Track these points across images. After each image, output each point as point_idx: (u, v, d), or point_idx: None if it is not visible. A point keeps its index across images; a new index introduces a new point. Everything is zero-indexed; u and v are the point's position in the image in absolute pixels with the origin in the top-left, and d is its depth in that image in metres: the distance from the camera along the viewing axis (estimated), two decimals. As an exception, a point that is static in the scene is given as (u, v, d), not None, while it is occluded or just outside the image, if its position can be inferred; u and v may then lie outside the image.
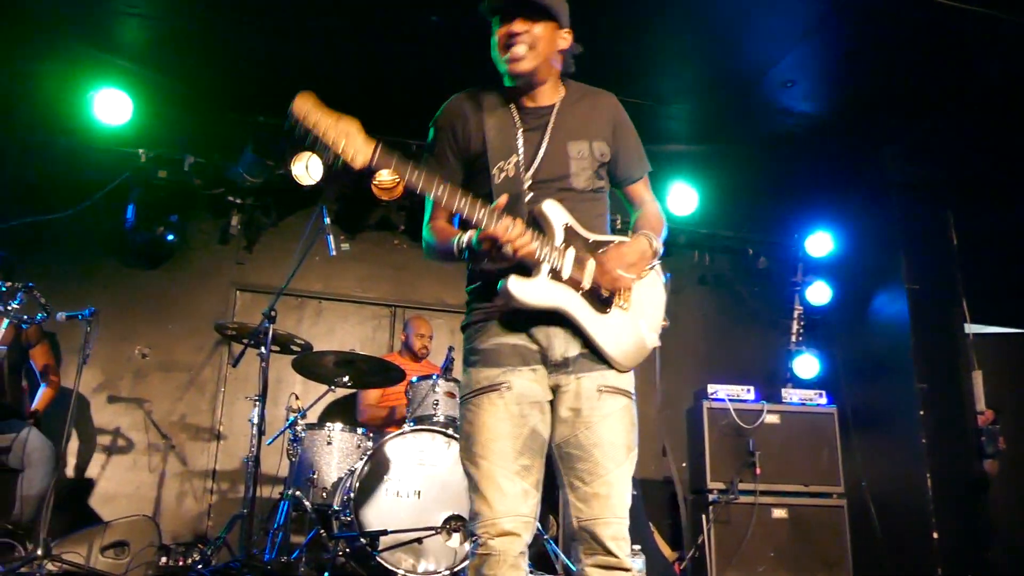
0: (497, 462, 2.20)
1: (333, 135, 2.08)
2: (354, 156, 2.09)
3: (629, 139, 2.56)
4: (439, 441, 4.43)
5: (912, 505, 5.67)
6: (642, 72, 5.53)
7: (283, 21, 5.17)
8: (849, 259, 6.80)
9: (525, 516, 2.19)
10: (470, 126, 2.43)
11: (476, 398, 2.28)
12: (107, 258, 6.00)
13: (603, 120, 2.50)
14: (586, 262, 2.30)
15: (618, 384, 2.33)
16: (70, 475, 5.53)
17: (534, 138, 2.41)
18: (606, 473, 2.24)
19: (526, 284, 2.22)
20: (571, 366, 2.29)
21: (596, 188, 2.45)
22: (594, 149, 2.44)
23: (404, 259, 6.66)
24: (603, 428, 2.26)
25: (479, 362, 2.31)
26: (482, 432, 2.23)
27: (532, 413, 2.25)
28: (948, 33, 4.95)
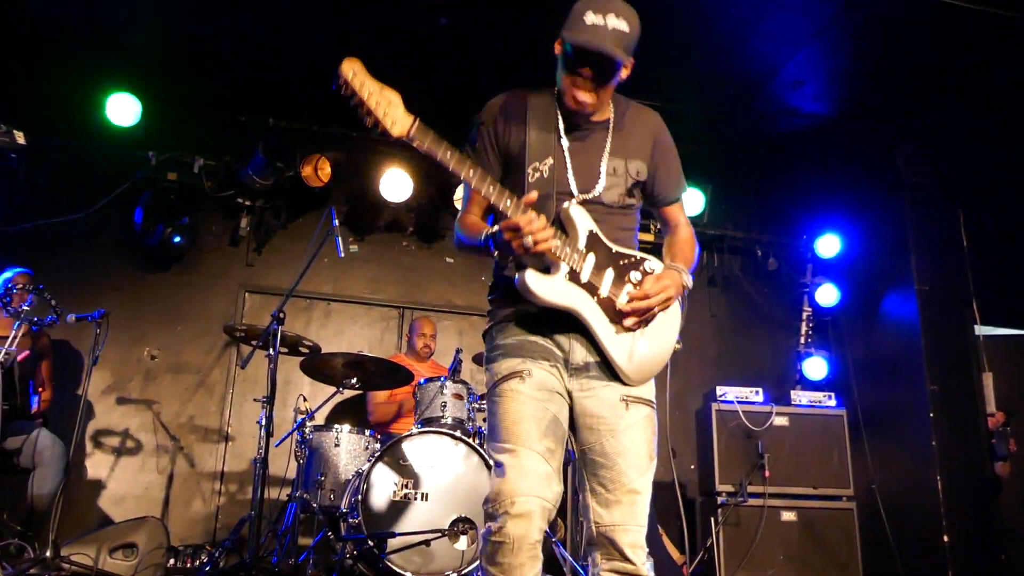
0: (523, 443, 2.19)
1: (376, 99, 2.11)
2: (393, 124, 2.11)
3: (669, 160, 2.56)
4: (447, 443, 4.43)
5: (923, 508, 5.63)
6: (652, 71, 5.49)
7: (294, 23, 5.18)
8: (858, 260, 6.77)
9: (546, 500, 2.17)
10: (512, 124, 2.44)
11: (499, 387, 2.29)
12: (117, 260, 6.03)
13: (645, 139, 2.50)
14: (606, 271, 2.31)
15: (641, 394, 2.35)
16: (79, 476, 5.55)
17: (574, 148, 2.41)
18: (629, 482, 2.26)
19: (543, 280, 2.23)
20: (592, 371, 2.31)
21: (626, 205, 2.45)
22: (630, 168, 2.44)
23: (413, 261, 6.66)
24: (628, 437, 2.28)
25: (500, 355, 2.34)
26: (506, 417, 2.24)
27: (552, 401, 2.27)
28: (958, 33, 4.92)
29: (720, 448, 5.50)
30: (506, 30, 5.07)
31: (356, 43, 5.36)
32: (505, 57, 4.75)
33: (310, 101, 6.03)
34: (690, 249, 2.52)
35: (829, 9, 4.84)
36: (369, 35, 5.26)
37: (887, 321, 6.36)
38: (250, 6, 5.02)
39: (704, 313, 7.10)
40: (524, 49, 2.87)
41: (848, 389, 6.33)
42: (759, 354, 7.10)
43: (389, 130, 2.11)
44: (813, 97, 5.79)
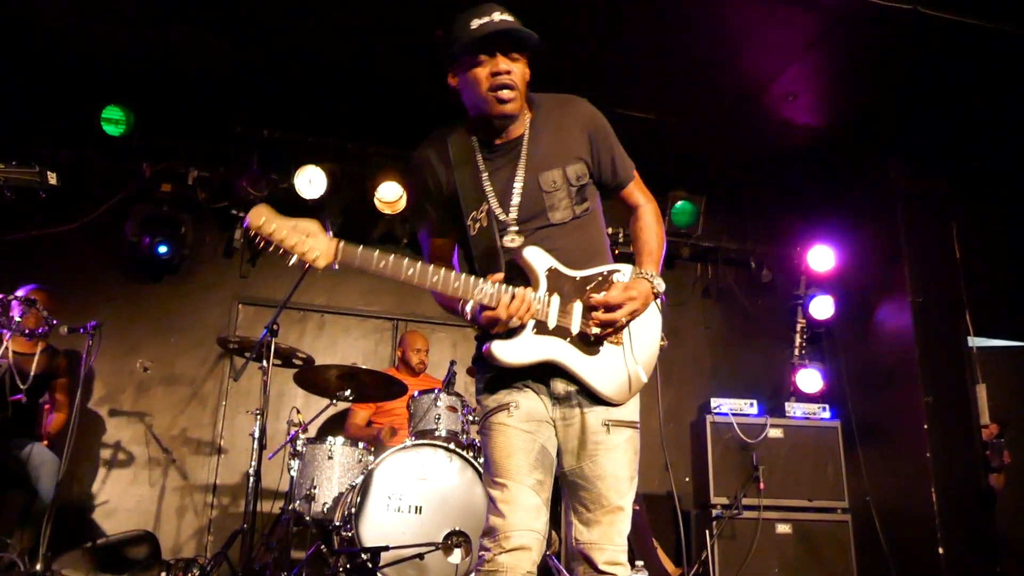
0: (514, 477, 2.21)
1: (291, 241, 2.09)
2: (317, 257, 2.09)
3: (610, 144, 2.45)
4: (441, 456, 4.41)
5: (917, 519, 5.63)
6: (646, 85, 5.54)
7: (289, 36, 5.18)
8: (852, 271, 6.78)
9: (537, 532, 2.20)
10: (440, 177, 2.41)
11: (488, 420, 2.32)
12: (111, 271, 6.01)
13: (575, 136, 2.40)
14: (572, 306, 2.28)
15: (622, 416, 2.33)
16: (71, 489, 5.51)
17: (504, 176, 2.35)
18: (608, 504, 2.26)
19: (510, 345, 2.24)
20: (573, 400, 2.31)
21: (579, 214, 2.37)
22: (569, 175, 2.35)
23: (407, 272, 6.63)
24: (607, 461, 2.28)
25: (487, 389, 2.34)
26: (496, 451, 2.26)
27: (541, 431, 2.28)
28: (949, 45, 4.95)
29: (715, 460, 5.50)
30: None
31: (352, 54, 5.37)
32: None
33: (304, 112, 6.03)
34: (655, 238, 2.44)
35: (821, 23, 4.87)
36: (364, 46, 5.26)
37: (881, 332, 6.36)
38: (244, 17, 5.02)
39: (698, 325, 7.11)
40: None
41: (842, 401, 6.33)
42: (753, 366, 7.11)
43: (315, 264, 2.09)
44: (806, 109, 5.82)
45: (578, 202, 2.37)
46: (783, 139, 6.19)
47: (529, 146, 2.36)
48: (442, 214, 2.41)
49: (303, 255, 2.09)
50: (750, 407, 5.72)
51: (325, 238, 2.11)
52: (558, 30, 5.02)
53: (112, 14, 4.99)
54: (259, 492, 4.48)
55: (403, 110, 5.93)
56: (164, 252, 5.90)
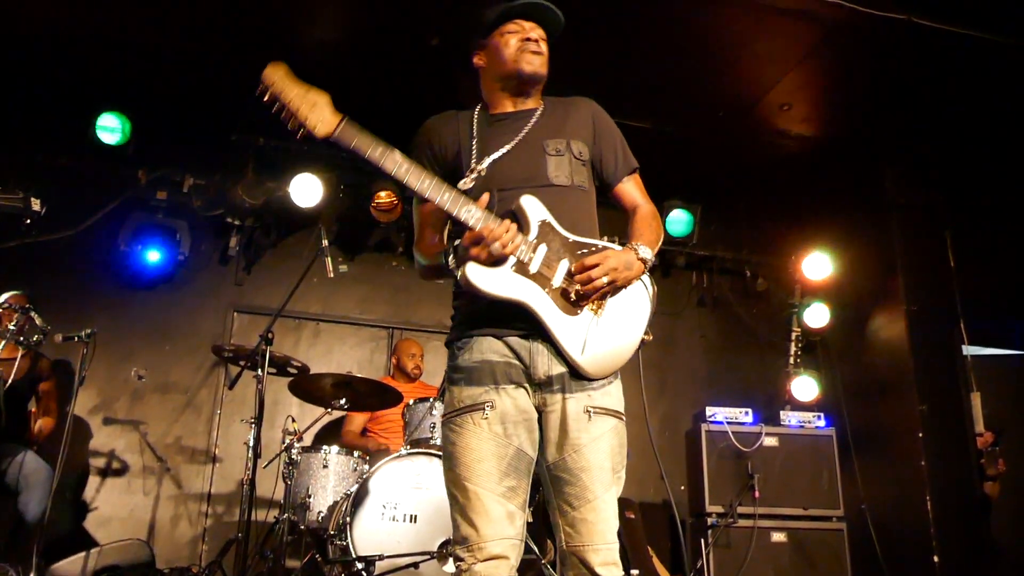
0: (482, 484, 2.15)
1: (298, 104, 2.10)
2: (316, 125, 2.10)
3: (612, 137, 2.52)
4: (436, 464, 4.40)
5: (913, 528, 5.63)
6: (641, 95, 5.56)
7: (284, 42, 5.19)
8: (847, 280, 6.79)
9: (512, 538, 2.16)
10: (445, 138, 2.44)
11: (459, 417, 2.23)
12: (105, 279, 5.99)
13: (582, 121, 2.49)
14: (557, 263, 2.24)
15: (606, 404, 2.27)
16: (64, 498, 5.48)
17: (508, 138, 2.39)
18: (594, 499, 2.20)
19: (487, 272, 2.17)
20: (555, 384, 2.24)
21: (578, 184, 2.39)
22: (572, 147, 2.41)
23: (403, 281, 6.65)
24: (591, 452, 2.21)
25: (462, 380, 2.26)
26: (465, 453, 2.19)
27: (517, 432, 2.20)
28: (943, 56, 4.98)
29: (710, 469, 5.50)
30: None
31: (348, 61, 5.38)
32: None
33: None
34: (649, 228, 2.42)
35: (815, 33, 4.89)
36: (361, 54, 5.27)
37: (876, 341, 6.38)
38: (241, 25, 5.03)
39: (694, 333, 7.11)
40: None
41: (837, 409, 6.34)
42: (748, 374, 7.11)
43: (313, 132, 2.10)
44: (800, 119, 5.84)
45: (578, 174, 2.40)
46: (778, 149, 6.21)
47: (537, 119, 2.45)
48: (441, 176, 2.35)
49: (305, 120, 2.10)
50: (745, 415, 5.72)
51: (330, 111, 2.12)
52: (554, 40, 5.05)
53: (109, 22, 4.99)
54: (253, 501, 4.46)
55: (399, 119, 5.92)
56: (156, 261, 5.89)
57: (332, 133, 2.10)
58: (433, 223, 2.45)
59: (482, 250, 2.12)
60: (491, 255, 2.12)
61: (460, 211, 2.16)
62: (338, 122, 2.11)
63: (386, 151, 2.13)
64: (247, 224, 6.26)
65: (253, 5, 4.86)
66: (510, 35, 2.41)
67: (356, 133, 2.12)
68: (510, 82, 2.44)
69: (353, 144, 2.11)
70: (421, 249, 2.45)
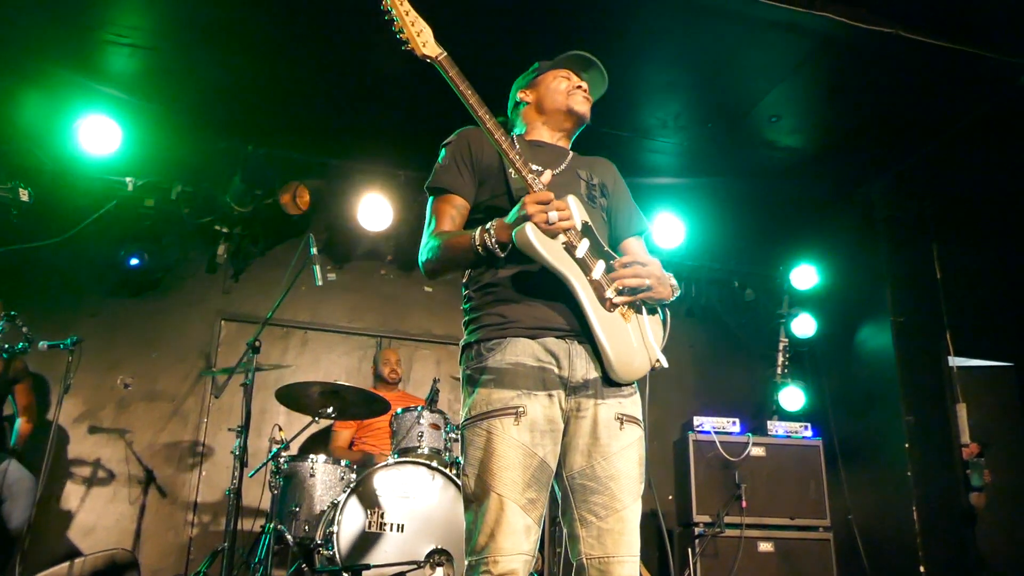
0: (507, 491, 2.11)
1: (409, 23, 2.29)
2: (425, 43, 2.29)
3: (628, 195, 2.71)
4: (423, 473, 4.40)
5: (898, 538, 5.65)
6: (631, 106, 5.58)
7: (274, 50, 5.19)
8: (834, 292, 6.83)
9: (527, 555, 2.12)
10: (484, 144, 2.48)
11: (487, 421, 2.18)
12: (92, 287, 5.97)
13: (607, 171, 2.67)
14: (597, 259, 2.29)
15: (634, 413, 2.29)
16: (48, 507, 5.45)
17: (546, 159, 2.48)
18: (622, 508, 2.19)
19: (543, 236, 2.17)
20: (590, 388, 2.24)
21: (602, 214, 2.53)
22: (594, 179, 2.57)
23: (391, 289, 6.64)
24: (620, 460, 2.21)
25: (493, 382, 2.21)
26: (493, 459, 2.14)
27: (544, 443, 2.17)
28: (931, 69, 5.02)
29: (697, 478, 5.50)
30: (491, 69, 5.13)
31: (338, 70, 5.38)
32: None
33: (289, 128, 6.03)
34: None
35: (805, 45, 4.92)
36: (351, 63, 5.28)
37: (863, 352, 6.41)
38: (229, 34, 5.02)
39: (682, 344, 7.12)
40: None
41: (824, 419, 6.36)
42: (736, 384, 7.14)
43: (420, 48, 2.28)
44: (789, 131, 5.87)
45: (603, 206, 2.56)
46: (767, 160, 6.24)
47: (567, 152, 2.64)
48: (472, 179, 2.49)
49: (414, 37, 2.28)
50: (733, 425, 5.73)
51: (434, 40, 2.30)
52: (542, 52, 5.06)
53: (98, 28, 4.98)
54: (240, 510, 4.44)
55: (388, 129, 5.95)
56: (136, 264, 5.86)
57: (437, 56, 2.28)
58: (454, 216, 2.45)
59: (543, 211, 2.14)
60: (548, 222, 2.14)
61: (526, 170, 2.25)
62: (439, 51, 2.29)
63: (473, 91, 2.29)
64: (235, 232, 6.24)
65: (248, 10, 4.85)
66: (562, 79, 2.64)
67: (453, 64, 2.30)
68: (556, 116, 2.63)
69: (452, 74, 2.28)
70: (443, 235, 2.39)
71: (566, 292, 2.24)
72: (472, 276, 2.44)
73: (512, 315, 2.27)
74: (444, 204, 2.46)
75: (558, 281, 2.23)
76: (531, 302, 2.28)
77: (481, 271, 2.39)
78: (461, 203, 2.46)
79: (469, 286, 2.43)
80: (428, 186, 2.51)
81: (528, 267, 2.28)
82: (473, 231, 2.26)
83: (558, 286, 2.24)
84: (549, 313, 2.26)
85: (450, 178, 2.47)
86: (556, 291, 2.26)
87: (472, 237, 2.24)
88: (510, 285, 2.30)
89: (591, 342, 2.25)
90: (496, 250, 2.21)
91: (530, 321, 2.26)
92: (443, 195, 2.48)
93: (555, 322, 2.26)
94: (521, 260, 2.25)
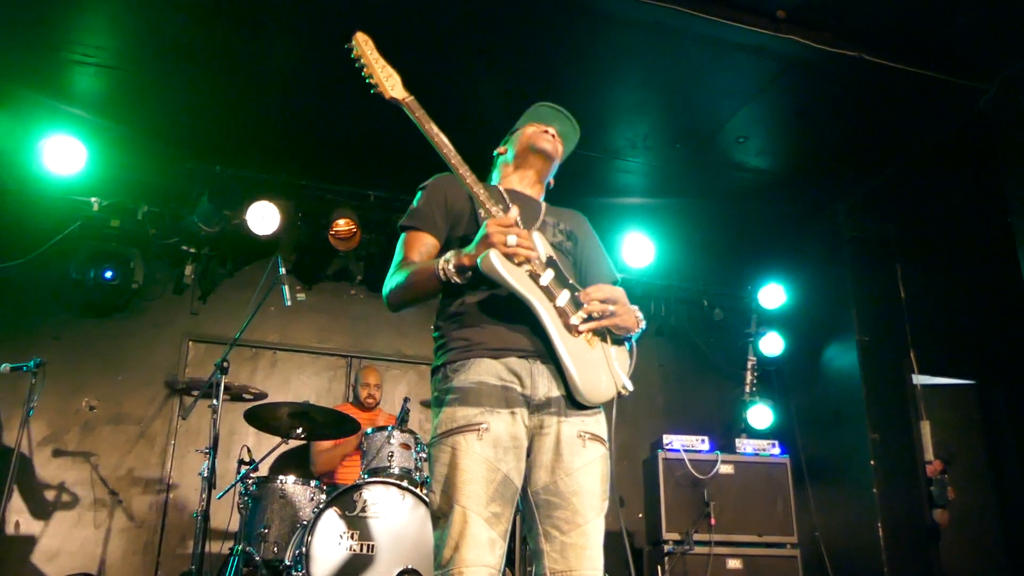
0: (470, 505, 2.14)
1: (377, 69, 2.43)
2: (393, 87, 2.41)
3: (599, 248, 2.75)
4: (394, 493, 4.38)
5: (864, 554, 5.70)
6: (600, 126, 5.63)
7: (241, 70, 5.19)
8: (801, 311, 6.92)
9: (491, 567, 2.14)
10: (459, 190, 2.53)
11: (452, 437, 2.22)
12: (57, 308, 5.90)
13: (575, 222, 2.73)
14: (562, 288, 2.34)
15: (597, 431, 2.34)
16: (11, 532, 5.35)
17: (518, 206, 2.48)
18: (584, 523, 2.22)
19: (507, 263, 2.22)
20: (553, 407, 2.28)
21: (569, 251, 2.58)
22: (562, 227, 2.63)
23: (361, 310, 6.63)
24: (583, 476, 2.25)
25: (457, 400, 2.25)
26: (457, 473, 2.17)
27: (507, 459, 2.20)
28: (895, 92, 5.12)
29: (667, 496, 5.52)
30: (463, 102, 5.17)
31: (304, 91, 5.39)
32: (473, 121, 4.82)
33: (257, 148, 6.01)
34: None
35: (771, 68, 5.00)
36: (317, 83, 5.29)
37: (829, 370, 6.49)
38: (196, 52, 5.01)
39: (652, 363, 7.17)
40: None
41: (792, 437, 6.42)
42: (705, 403, 7.19)
43: (387, 91, 2.40)
44: (756, 152, 5.95)
45: (567, 248, 2.61)
46: (734, 181, 6.32)
47: (538, 203, 2.71)
48: (445, 223, 2.56)
49: (382, 82, 2.41)
50: (702, 443, 5.76)
51: (402, 85, 2.43)
52: (513, 72, 5.11)
53: (63, 48, 4.95)
54: (208, 532, 4.39)
55: (358, 149, 5.96)
56: (111, 277, 5.78)
57: (403, 99, 2.40)
58: (422, 252, 2.50)
59: (503, 233, 2.19)
60: (508, 246, 2.19)
61: (491, 202, 2.34)
62: (406, 95, 2.41)
63: (439, 133, 2.39)
64: (203, 253, 6.20)
65: (214, 30, 4.85)
66: (532, 128, 2.73)
67: (419, 107, 2.40)
68: (522, 157, 2.72)
69: (417, 115, 2.39)
70: (410, 264, 2.44)
71: (531, 317, 2.29)
72: (441, 306, 2.49)
73: (476, 338, 2.33)
74: (413, 241, 2.53)
75: (522, 307, 2.28)
76: (495, 326, 2.33)
77: (449, 301, 2.44)
78: (431, 241, 2.52)
79: (439, 316, 2.49)
80: (400, 224, 2.57)
81: (493, 294, 2.34)
82: (438, 259, 2.31)
83: (522, 311, 2.29)
84: (512, 335, 2.32)
85: (422, 218, 2.54)
86: (520, 315, 2.31)
87: (436, 264, 2.29)
88: (476, 311, 2.36)
89: (555, 363, 2.31)
90: (456, 274, 2.25)
91: (494, 343, 2.31)
92: (414, 232, 2.54)
93: (518, 343, 2.31)
94: (487, 288, 2.33)
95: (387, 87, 2.39)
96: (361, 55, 2.42)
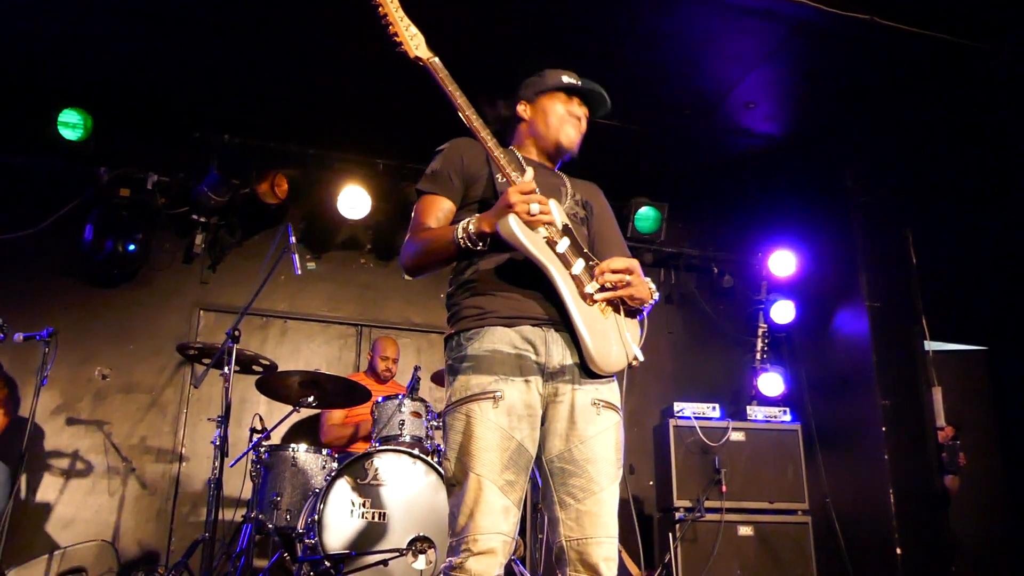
0: (485, 473, 2.15)
1: (402, 28, 2.37)
2: (417, 47, 2.36)
3: (613, 223, 2.73)
4: (405, 461, 4.40)
5: (875, 520, 5.72)
6: (607, 93, 5.57)
7: (250, 39, 5.15)
8: (811, 277, 6.88)
9: (505, 535, 2.15)
10: (475, 153, 2.52)
11: (466, 405, 2.23)
12: (67, 278, 5.91)
13: (591, 193, 2.72)
14: (577, 256, 2.33)
15: (611, 399, 2.34)
16: (25, 500, 5.41)
17: (536, 169, 2.47)
18: (599, 490, 2.24)
19: (525, 228, 2.22)
20: (567, 374, 2.29)
21: (587, 219, 2.58)
22: (578, 196, 2.61)
23: (370, 278, 6.63)
24: (598, 444, 2.26)
25: (471, 368, 2.26)
26: (472, 441, 2.18)
27: (520, 427, 2.21)
28: (905, 55, 5.05)
29: (678, 464, 5.53)
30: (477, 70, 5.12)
31: (314, 58, 5.35)
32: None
33: (266, 117, 5.99)
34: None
35: (779, 31, 4.94)
36: (328, 51, 5.25)
37: (839, 337, 6.46)
38: (206, 22, 4.98)
39: (661, 330, 7.16)
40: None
41: (802, 404, 6.42)
42: (715, 370, 7.18)
43: (411, 50, 2.36)
44: (764, 117, 5.90)
45: (582, 217, 2.59)
46: (743, 147, 6.27)
47: (558, 174, 2.68)
48: (461, 186, 2.52)
49: (405, 40, 2.36)
50: (712, 411, 5.76)
51: (425, 45, 2.37)
52: (518, 39, 5.06)
53: (70, 17, 4.92)
54: (220, 500, 4.43)
55: (366, 118, 5.92)
56: (132, 249, 5.78)
57: (428, 59, 2.36)
58: (439, 216, 2.47)
59: (525, 201, 2.18)
60: (530, 213, 2.18)
61: (511, 166, 2.32)
62: (432, 54, 2.37)
63: (460, 92, 2.34)
64: (212, 222, 6.19)
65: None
66: (561, 104, 2.65)
67: (441, 66, 2.37)
68: (544, 141, 2.65)
69: (440, 75, 2.35)
70: (426, 230, 2.43)
71: (544, 284, 2.29)
72: (454, 273, 2.49)
73: (489, 306, 2.33)
74: (430, 205, 2.49)
75: (536, 273, 2.28)
76: (508, 293, 2.33)
77: (462, 267, 2.44)
78: (448, 206, 2.49)
79: (452, 283, 2.49)
80: (417, 188, 2.54)
81: (507, 261, 2.34)
82: (455, 225, 2.30)
83: (536, 278, 2.29)
84: (526, 303, 2.32)
85: (439, 181, 2.51)
86: (534, 283, 2.30)
87: (454, 230, 2.27)
88: (489, 278, 2.35)
89: (568, 331, 2.31)
90: (475, 241, 2.24)
91: (507, 311, 2.31)
92: (430, 196, 2.51)
93: (532, 311, 2.31)
94: (500, 255, 2.33)
95: (411, 46, 2.35)
96: (387, 12, 2.36)
